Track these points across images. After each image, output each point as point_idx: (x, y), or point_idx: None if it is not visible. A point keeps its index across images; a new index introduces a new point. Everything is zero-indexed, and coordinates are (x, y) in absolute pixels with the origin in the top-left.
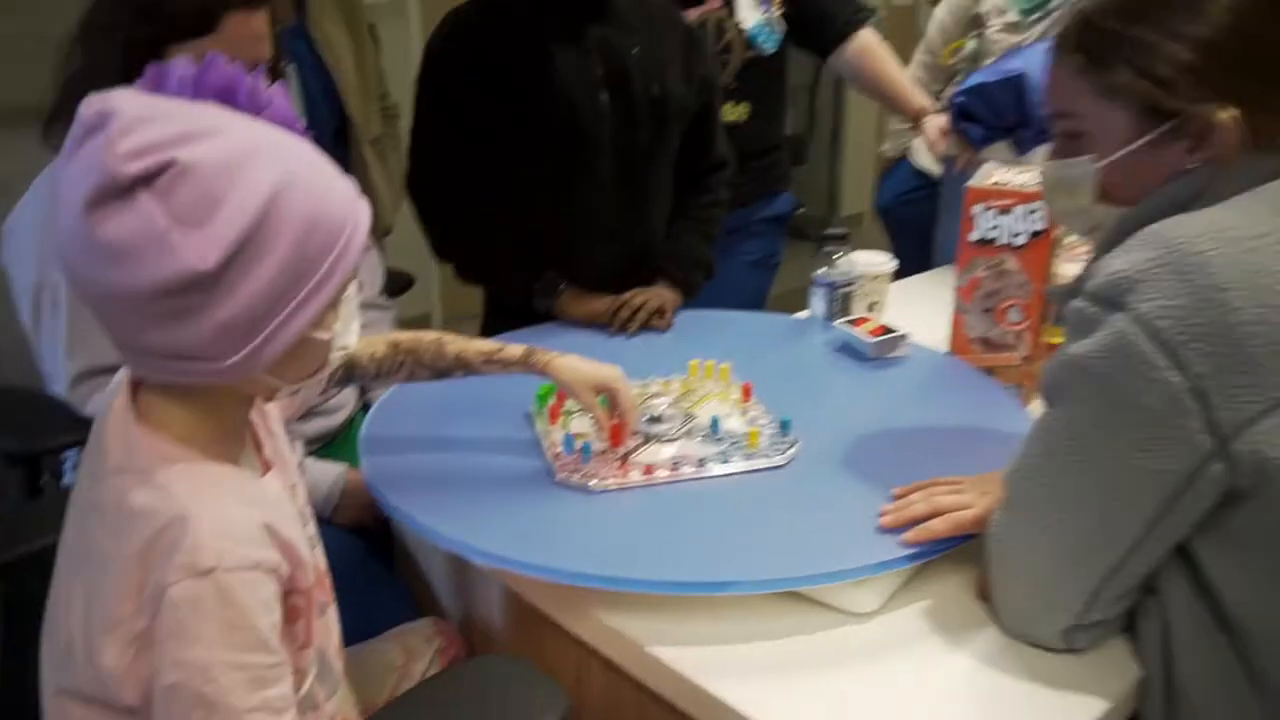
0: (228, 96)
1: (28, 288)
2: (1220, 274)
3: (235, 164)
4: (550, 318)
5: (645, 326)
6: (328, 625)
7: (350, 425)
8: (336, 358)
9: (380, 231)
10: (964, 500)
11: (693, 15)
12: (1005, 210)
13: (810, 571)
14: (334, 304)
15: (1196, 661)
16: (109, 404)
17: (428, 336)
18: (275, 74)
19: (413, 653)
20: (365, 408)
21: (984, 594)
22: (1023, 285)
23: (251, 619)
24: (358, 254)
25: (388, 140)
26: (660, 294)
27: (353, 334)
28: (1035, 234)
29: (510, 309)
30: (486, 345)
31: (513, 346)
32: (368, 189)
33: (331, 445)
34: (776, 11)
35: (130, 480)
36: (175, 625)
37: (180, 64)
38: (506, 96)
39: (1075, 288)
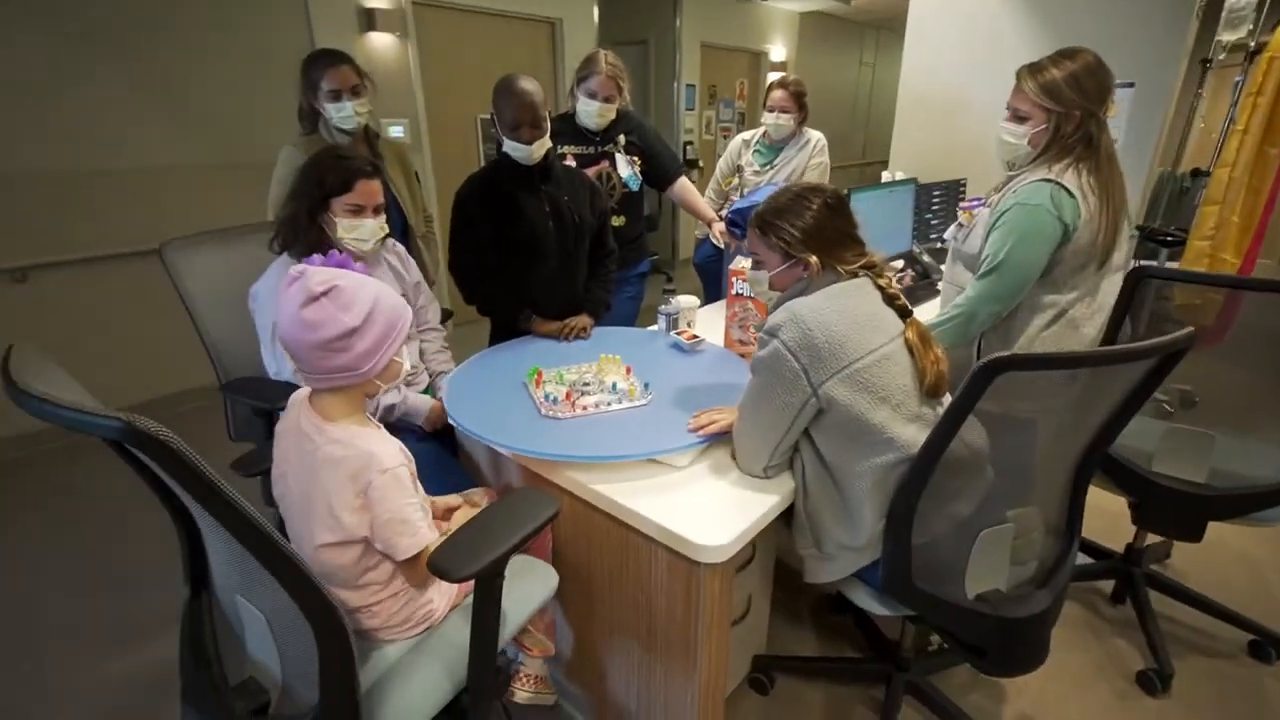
0: (344, 265)
1: (267, 325)
2: (807, 320)
3: (358, 286)
4: (526, 333)
5: (578, 337)
6: (420, 491)
7: (426, 389)
8: (404, 371)
9: (429, 284)
10: (725, 415)
11: (592, 173)
12: (745, 280)
13: (660, 448)
14: (403, 344)
15: (813, 479)
16: (299, 413)
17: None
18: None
19: (476, 503)
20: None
21: (734, 456)
22: (756, 317)
23: (407, 484)
24: (408, 325)
25: (428, 237)
26: (584, 320)
27: (408, 360)
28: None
29: (504, 329)
30: None
31: None
32: (420, 263)
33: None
34: (637, 168)
35: (330, 448)
36: (381, 495)
37: (319, 258)
38: (499, 224)
39: (763, 324)
